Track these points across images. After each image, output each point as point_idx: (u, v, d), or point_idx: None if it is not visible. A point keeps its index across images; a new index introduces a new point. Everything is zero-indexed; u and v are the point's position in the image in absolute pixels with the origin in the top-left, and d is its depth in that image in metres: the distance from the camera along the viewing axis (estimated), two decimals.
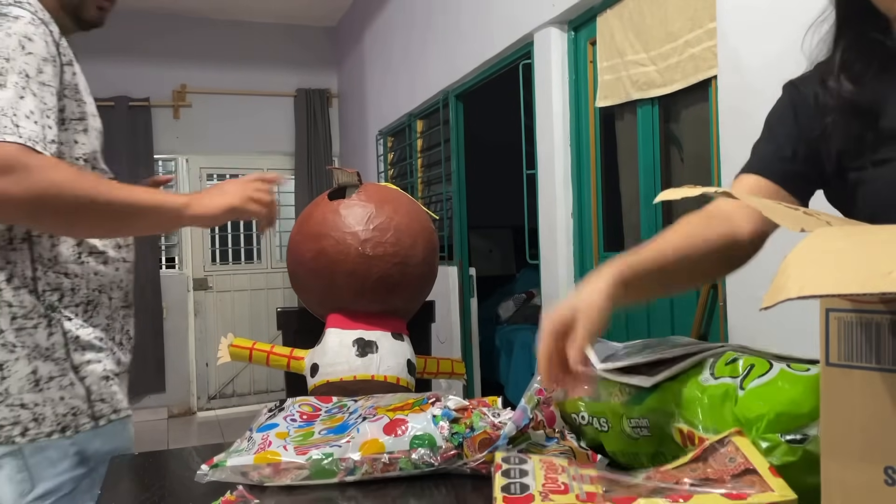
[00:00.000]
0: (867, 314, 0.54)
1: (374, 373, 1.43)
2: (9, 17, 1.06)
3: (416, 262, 1.51)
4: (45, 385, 1.12)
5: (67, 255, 1.16)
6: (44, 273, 1.14)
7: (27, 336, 1.11)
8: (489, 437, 0.89)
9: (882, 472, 0.53)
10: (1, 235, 1.11)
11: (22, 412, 1.10)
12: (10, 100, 1.00)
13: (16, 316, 1.11)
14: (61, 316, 1.15)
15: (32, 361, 1.11)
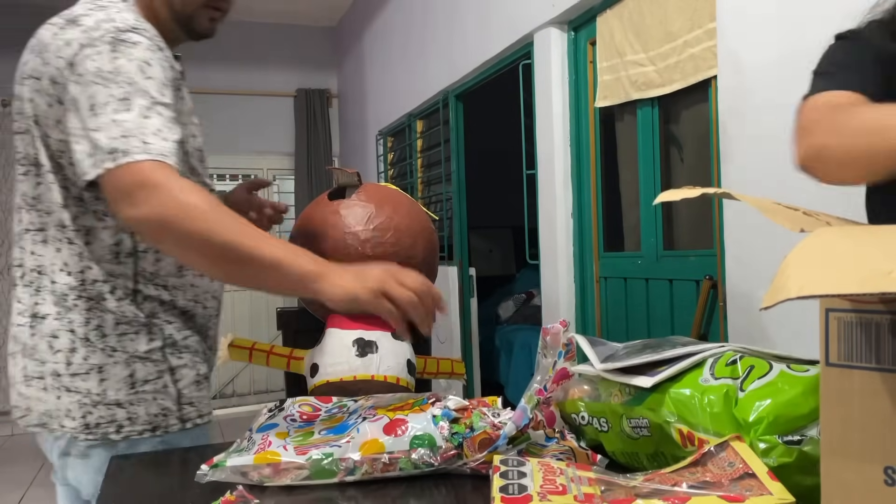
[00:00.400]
0: (867, 314, 0.54)
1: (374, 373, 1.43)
2: (127, 43, 1.07)
3: (416, 262, 1.50)
4: (140, 387, 1.16)
5: (169, 269, 1.19)
6: (144, 286, 1.17)
7: (128, 342, 1.15)
8: (489, 437, 0.89)
9: (882, 472, 0.53)
10: (109, 250, 1.15)
11: (118, 411, 1.15)
12: (136, 121, 1.01)
13: (119, 322, 1.15)
14: (162, 322, 1.18)
15: (131, 365, 1.15)
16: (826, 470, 0.56)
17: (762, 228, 1.80)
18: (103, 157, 1.00)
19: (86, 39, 1.07)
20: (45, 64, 1.09)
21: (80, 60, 1.06)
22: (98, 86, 1.03)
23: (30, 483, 3.96)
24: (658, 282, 2.36)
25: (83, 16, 1.10)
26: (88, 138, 1.02)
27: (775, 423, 0.73)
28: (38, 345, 1.15)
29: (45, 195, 1.14)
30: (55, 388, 1.14)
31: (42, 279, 1.15)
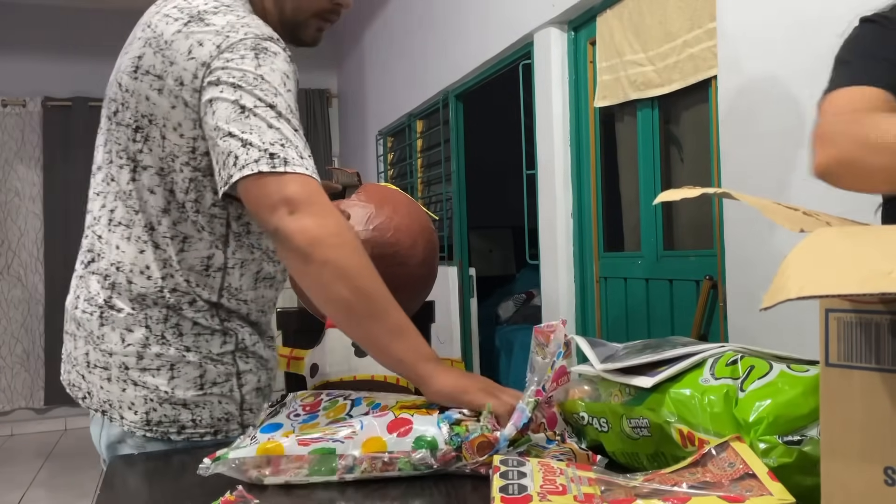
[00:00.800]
0: (867, 314, 0.53)
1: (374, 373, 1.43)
2: (269, 52, 1.04)
3: (416, 262, 1.51)
4: (208, 389, 1.14)
5: (248, 284, 1.18)
6: (228, 300, 1.16)
7: (203, 342, 1.13)
8: (487, 441, 0.89)
9: (882, 473, 0.53)
10: (201, 261, 1.12)
11: (183, 412, 1.13)
12: (289, 132, 0.99)
13: (195, 323, 1.13)
14: (235, 326, 1.17)
15: (203, 366, 1.13)
16: (826, 470, 0.56)
17: (762, 228, 1.80)
18: (258, 158, 0.96)
19: (223, 42, 1.03)
20: (171, 63, 1.05)
21: (220, 63, 1.02)
22: (243, 90, 1.00)
23: (30, 483, 3.96)
24: (658, 282, 2.36)
25: (209, 13, 1.07)
26: (237, 139, 0.98)
27: (775, 423, 0.73)
28: (107, 335, 1.12)
29: (140, 194, 1.11)
30: (121, 380, 1.12)
31: (119, 275, 1.12)
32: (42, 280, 5.12)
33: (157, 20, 1.09)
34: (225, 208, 1.12)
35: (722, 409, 0.78)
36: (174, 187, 1.09)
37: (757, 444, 0.73)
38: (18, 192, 5.12)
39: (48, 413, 5.17)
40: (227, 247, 1.13)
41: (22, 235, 5.12)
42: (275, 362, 1.28)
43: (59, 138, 5.14)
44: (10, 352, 5.09)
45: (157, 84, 1.07)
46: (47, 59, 5.16)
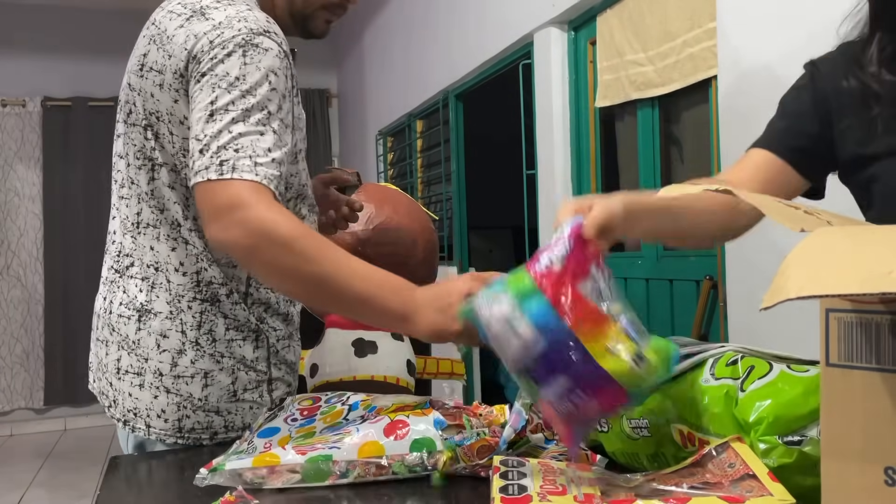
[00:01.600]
0: (867, 314, 0.53)
1: (374, 373, 1.43)
2: (259, 49, 1.03)
3: (415, 262, 1.50)
4: (241, 395, 1.14)
5: None
6: (256, 289, 1.16)
7: (236, 347, 1.14)
8: (488, 444, 0.89)
9: (882, 472, 0.53)
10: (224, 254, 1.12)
11: (216, 418, 1.13)
12: (251, 137, 0.99)
13: (229, 328, 1.13)
14: (268, 328, 1.17)
15: (236, 372, 1.14)
16: (826, 470, 0.56)
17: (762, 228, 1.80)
18: (207, 165, 0.97)
19: (216, 37, 1.03)
20: (170, 56, 1.06)
21: (207, 59, 1.03)
22: (220, 90, 1.00)
23: (30, 483, 3.96)
24: (658, 282, 2.36)
25: (212, 8, 1.07)
26: (199, 142, 0.99)
27: (775, 423, 0.73)
28: (142, 340, 1.12)
29: (161, 192, 1.12)
30: (154, 386, 1.12)
31: (158, 276, 1.12)
32: (42, 280, 5.12)
33: (162, 17, 1.10)
34: None
35: (722, 409, 0.78)
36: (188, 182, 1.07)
37: (757, 445, 0.73)
38: (18, 192, 5.12)
39: (48, 413, 5.17)
40: None
41: (21, 235, 5.12)
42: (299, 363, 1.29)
43: (59, 138, 5.14)
44: (10, 352, 5.09)
45: (158, 79, 1.07)
46: (47, 59, 5.15)
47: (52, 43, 5.14)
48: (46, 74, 5.14)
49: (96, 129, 5.10)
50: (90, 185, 5.06)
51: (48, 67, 5.15)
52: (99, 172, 4.97)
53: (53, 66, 5.16)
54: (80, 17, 5.19)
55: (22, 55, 5.10)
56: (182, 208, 1.11)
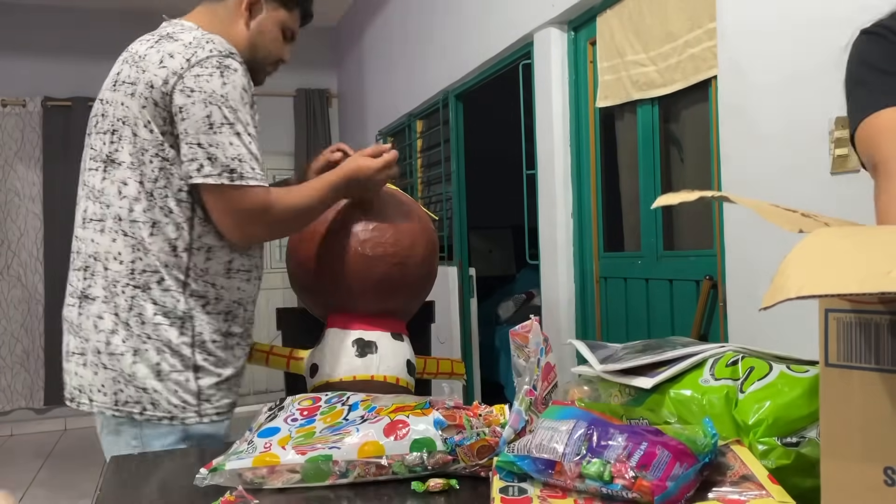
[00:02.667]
0: (866, 314, 0.53)
1: (374, 373, 1.43)
2: (230, 69, 1.25)
3: (415, 262, 1.50)
4: (165, 376, 1.28)
5: (217, 269, 1.33)
6: (194, 281, 1.30)
7: (162, 331, 1.28)
8: (488, 444, 0.89)
9: (882, 473, 0.53)
10: (168, 243, 1.28)
11: (143, 395, 1.27)
12: (245, 147, 1.24)
13: (157, 312, 1.28)
14: (196, 321, 1.30)
15: (161, 354, 1.28)
16: (826, 470, 0.56)
17: (762, 228, 1.80)
18: (220, 172, 1.22)
19: (191, 55, 1.24)
20: (143, 71, 1.25)
21: (190, 76, 1.22)
22: (213, 106, 1.22)
23: (29, 483, 3.96)
24: (658, 282, 2.36)
25: (176, 33, 1.29)
26: (202, 150, 1.22)
27: (774, 425, 0.73)
28: (83, 323, 1.30)
29: (110, 189, 1.28)
30: (94, 364, 1.29)
31: (97, 265, 1.29)
32: (42, 280, 5.12)
33: (134, 45, 1.33)
34: (190, 194, 1.28)
35: (722, 410, 0.78)
36: (143, 178, 1.26)
37: (756, 446, 0.73)
38: (18, 192, 5.12)
39: (48, 413, 5.17)
40: (193, 229, 1.29)
41: (22, 235, 5.11)
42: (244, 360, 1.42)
43: (59, 138, 5.14)
44: (10, 352, 5.08)
45: (129, 90, 1.26)
46: (47, 59, 5.15)
47: (52, 43, 5.14)
48: (46, 74, 5.14)
49: None
50: None
51: (48, 67, 5.15)
52: None
53: (53, 66, 5.16)
54: (80, 17, 5.18)
55: (22, 55, 5.10)
56: (132, 201, 1.27)
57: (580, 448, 0.71)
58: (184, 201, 1.28)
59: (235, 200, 1.24)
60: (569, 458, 0.71)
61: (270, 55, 1.43)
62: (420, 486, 0.87)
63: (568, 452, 0.71)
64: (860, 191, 1.31)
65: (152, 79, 1.23)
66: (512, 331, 0.98)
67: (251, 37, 1.40)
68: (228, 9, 1.38)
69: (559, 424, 0.75)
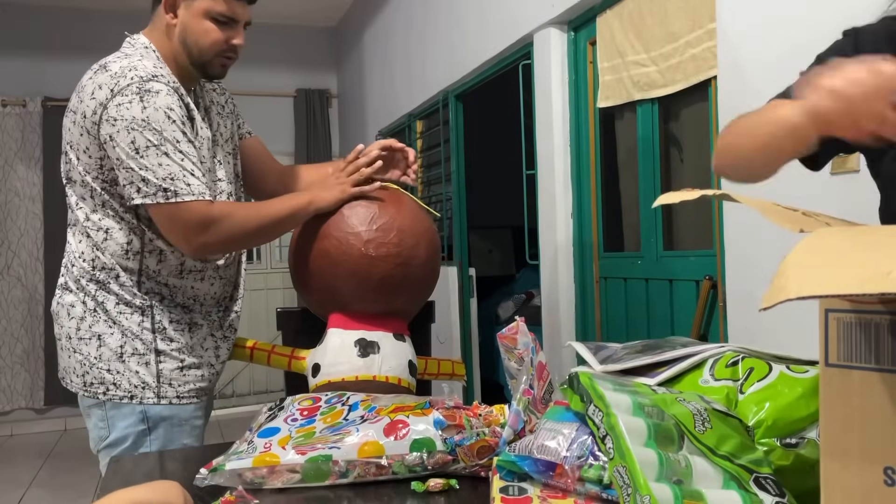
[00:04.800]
0: (866, 314, 0.53)
1: (376, 373, 1.43)
2: (151, 93, 1.30)
3: (418, 262, 1.50)
4: (127, 358, 1.39)
5: (169, 272, 1.43)
6: (147, 281, 1.42)
7: (124, 318, 1.40)
8: (488, 444, 0.89)
9: (882, 473, 0.53)
10: (121, 247, 1.40)
11: (107, 375, 1.39)
12: (175, 165, 1.29)
13: (118, 302, 1.40)
14: (157, 311, 1.42)
15: (124, 338, 1.40)
16: (826, 470, 0.56)
17: (762, 228, 1.80)
18: (154, 192, 1.29)
19: (114, 85, 1.30)
20: (81, 101, 1.34)
21: (112, 105, 1.29)
22: (136, 132, 1.28)
23: (30, 483, 3.96)
24: (658, 282, 2.36)
25: (111, 62, 1.36)
26: (135, 174, 1.30)
27: (774, 426, 0.73)
28: (59, 312, 1.44)
29: (72, 200, 1.43)
30: (68, 349, 1.42)
31: (70, 263, 1.44)
32: (42, 280, 5.11)
33: (85, 74, 1.38)
34: (135, 209, 1.38)
35: None
36: (94, 194, 1.39)
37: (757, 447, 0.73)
38: (18, 192, 5.11)
39: (48, 413, 5.17)
40: (144, 235, 1.39)
41: (22, 235, 5.11)
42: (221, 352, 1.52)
43: (59, 138, 5.13)
44: (10, 352, 5.08)
45: (72, 117, 1.37)
46: (47, 59, 5.15)
47: (52, 43, 5.14)
48: (46, 74, 5.14)
49: None
50: None
51: (48, 67, 5.15)
52: None
53: (53, 66, 5.16)
54: (80, 17, 5.18)
55: (22, 55, 5.09)
56: (86, 212, 1.40)
57: (581, 451, 0.72)
58: (130, 211, 1.38)
59: (176, 216, 1.31)
60: (570, 461, 0.71)
61: (206, 48, 1.42)
62: (420, 485, 0.87)
63: (569, 455, 0.71)
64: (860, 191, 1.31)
65: (85, 109, 1.32)
66: (499, 334, 0.99)
67: (179, 37, 1.41)
68: (160, 16, 1.43)
69: (561, 427, 0.75)
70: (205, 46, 1.42)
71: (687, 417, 0.72)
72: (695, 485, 0.65)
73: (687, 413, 0.72)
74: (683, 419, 0.72)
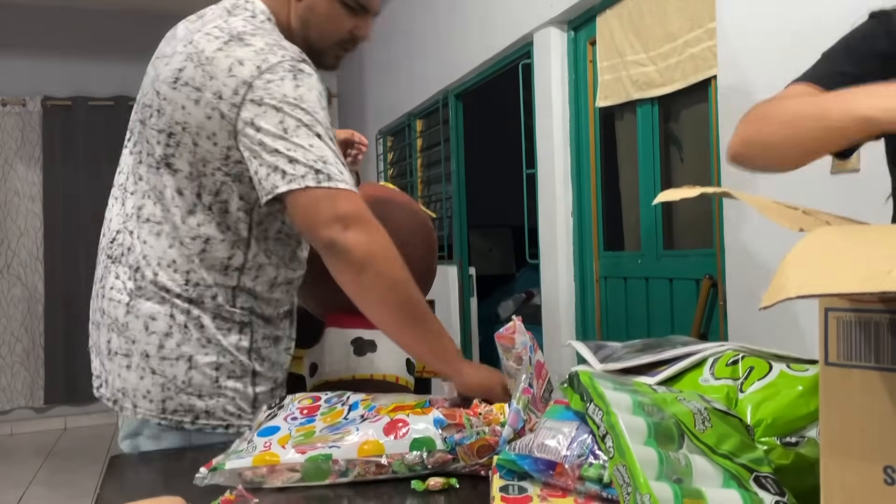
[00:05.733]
0: (866, 313, 0.53)
1: (374, 372, 1.43)
2: (305, 73, 1.13)
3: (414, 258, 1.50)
4: (223, 382, 1.19)
5: (263, 286, 1.25)
6: (240, 294, 1.22)
7: (222, 335, 1.20)
8: (488, 444, 0.89)
9: (881, 472, 0.53)
10: (220, 261, 1.19)
11: (197, 403, 1.18)
12: (327, 149, 1.09)
13: (215, 318, 1.20)
14: (254, 326, 1.23)
15: (220, 360, 1.19)
16: (826, 470, 0.56)
17: (762, 228, 1.80)
18: (303, 174, 1.07)
19: (262, 63, 1.11)
20: (211, 78, 1.12)
21: (262, 84, 1.10)
22: (284, 112, 1.09)
23: (29, 482, 3.96)
24: (658, 281, 2.36)
25: (248, 34, 1.14)
26: (281, 157, 1.08)
27: (774, 425, 0.73)
28: (131, 323, 1.18)
29: (168, 194, 1.18)
30: (140, 367, 1.18)
31: (147, 268, 1.19)
32: (42, 279, 5.11)
33: (199, 37, 1.16)
34: (249, 213, 1.20)
35: None
36: (202, 190, 1.17)
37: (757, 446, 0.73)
38: (18, 192, 5.11)
39: (48, 412, 5.17)
40: (249, 249, 1.21)
41: (22, 235, 5.11)
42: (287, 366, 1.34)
43: (59, 138, 5.13)
44: (10, 351, 5.08)
45: (194, 95, 1.13)
46: (47, 59, 5.15)
47: (52, 43, 5.14)
48: (46, 74, 5.14)
49: (96, 129, 5.09)
50: (90, 184, 5.05)
51: (48, 67, 5.15)
52: (99, 172, 4.97)
53: (53, 65, 5.16)
54: (80, 17, 5.18)
55: (22, 55, 5.09)
56: (183, 213, 1.17)
57: (581, 450, 0.72)
58: (242, 220, 1.20)
59: (322, 203, 1.07)
60: (570, 460, 0.71)
61: (329, 35, 1.26)
62: (420, 484, 0.87)
63: (569, 454, 0.71)
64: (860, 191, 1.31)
65: (221, 88, 1.11)
66: (497, 334, 0.99)
67: (303, 15, 1.24)
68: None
69: (562, 426, 0.75)
70: (329, 33, 1.26)
71: (687, 416, 0.72)
72: (695, 484, 0.65)
73: (687, 412, 0.72)
74: (683, 418, 0.71)
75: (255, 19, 1.18)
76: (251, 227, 1.21)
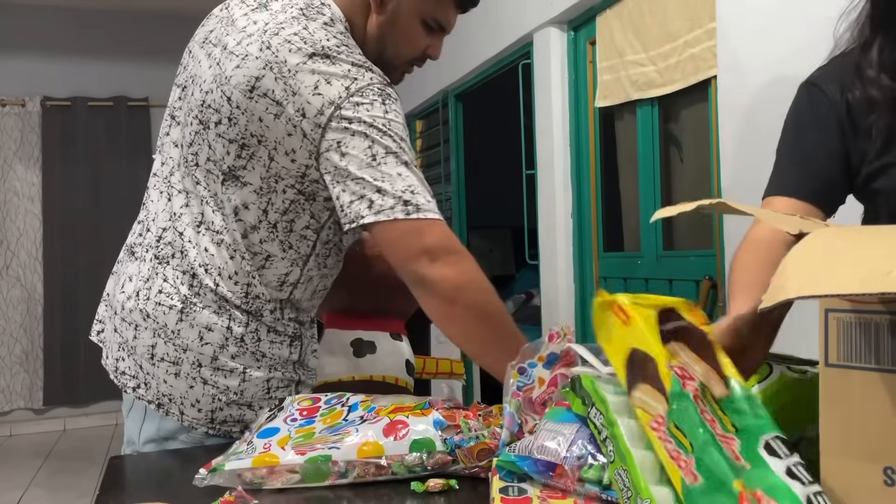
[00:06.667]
0: (866, 314, 0.53)
1: (373, 373, 1.43)
2: (391, 98, 1.09)
3: None
4: (273, 392, 1.19)
5: (307, 297, 1.23)
6: (289, 309, 1.21)
7: (276, 348, 1.18)
8: (487, 447, 0.89)
9: (881, 473, 0.53)
10: (277, 278, 1.17)
11: (248, 412, 1.17)
12: (415, 178, 1.06)
13: (270, 330, 1.18)
14: (303, 337, 1.23)
15: (272, 371, 1.18)
16: (826, 470, 0.56)
17: None
18: (392, 205, 1.03)
19: (351, 84, 1.06)
20: (294, 93, 1.06)
21: (350, 106, 1.05)
22: (373, 138, 1.05)
23: (29, 483, 3.96)
24: (658, 282, 2.36)
25: (333, 50, 1.09)
26: (368, 185, 1.04)
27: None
28: (183, 331, 1.14)
29: (233, 205, 1.14)
30: (191, 377, 1.14)
31: (206, 277, 1.14)
32: (41, 280, 5.11)
33: (278, 44, 1.08)
34: (317, 232, 1.18)
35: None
36: (269, 207, 1.13)
37: None
38: (17, 192, 5.11)
39: (47, 413, 5.16)
40: (306, 265, 1.19)
41: (21, 235, 5.11)
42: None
43: (59, 138, 5.13)
44: (9, 352, 5.08)
45: (273, 109, 1.07)
46: (47, 59, 5.15)
47: (52, 43, 5.14)
48: (46, 74, 5.13)
49: (96, 129, 5.09)
50: (90, 184, 5.05)
51: (48, 67, 5.15)
52: (99, 172, 4.97)
53: (53, 66, 5.16)
54: (79, 18, 5.18)
55: (22, 55, 5.09)
56: (249, 228, 1.14)
57: (581, 452, 0.72)
58: (307, 238, 1.18)
59: (411, 234, 1.05)
60: (570, 462, 0.71)
61: (404, 53, 1.22)
62: (419, 486, 0.87)
63: (569, 456, 0.71)
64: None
65: (305, 106, 1.06)
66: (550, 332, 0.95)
67: (381, 29, 1.19)
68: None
69: (562, 427, 0.75)
70: (404, 49, 1.21)
71: None
72: None
73: None
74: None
75: (334, 28, 1.12)
76: (315, 244, 1.19)
